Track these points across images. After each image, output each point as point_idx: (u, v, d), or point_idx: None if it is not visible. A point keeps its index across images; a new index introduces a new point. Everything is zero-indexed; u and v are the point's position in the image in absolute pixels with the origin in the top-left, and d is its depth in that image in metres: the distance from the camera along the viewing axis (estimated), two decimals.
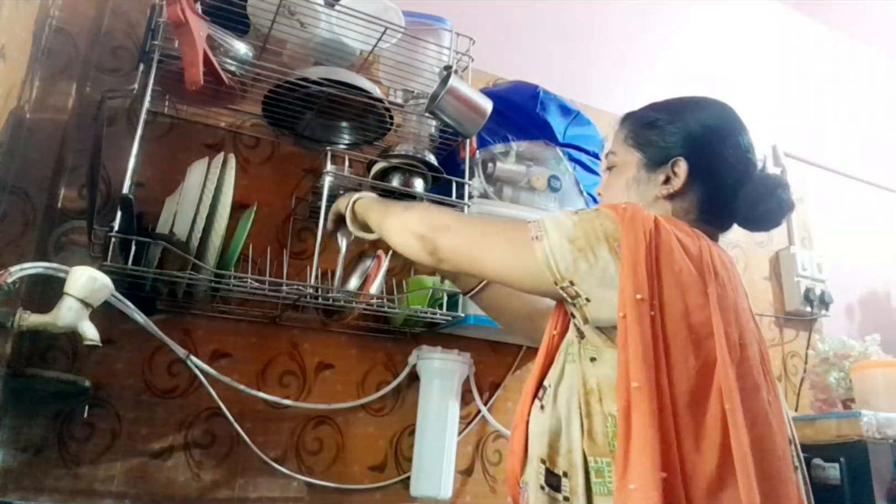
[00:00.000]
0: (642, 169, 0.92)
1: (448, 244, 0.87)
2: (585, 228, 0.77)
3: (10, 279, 0.89)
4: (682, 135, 0.91)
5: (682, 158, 0.89)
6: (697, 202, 0.90)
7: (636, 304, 0.71)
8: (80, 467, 1.17)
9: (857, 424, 1.56)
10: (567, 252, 0.76)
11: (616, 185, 0.94)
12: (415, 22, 1.48)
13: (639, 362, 0.69)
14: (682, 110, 0.94)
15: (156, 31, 1.19)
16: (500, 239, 0.83)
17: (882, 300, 2.49)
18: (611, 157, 0.97)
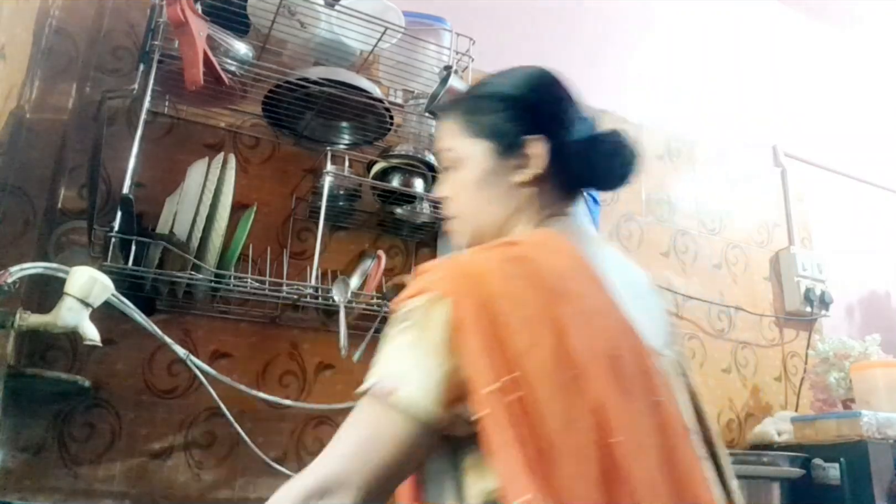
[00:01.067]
0: (493, 157, 0.81)
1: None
2: (432, 333, 0.64)
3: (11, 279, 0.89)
4: (524, 111, 0.82)
5: (536, 136, 0.80)
6: (554, 175, 0.81)
7: (488, 399, 0.59)
8: (80, 467, 1.17)
9: (857, 424, 1.56)
10: (436, 374, 0.62)
11: (465, 184, 0.83)
12: (415, 22, 1.48)
13: (512, 472, 0.57)
14: (514, 85, 0.85)
15: (156, 31, 1.19)
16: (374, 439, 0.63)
17: (882, 300, 2.50)
18: (447, 155, 0.85)
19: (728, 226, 2.17)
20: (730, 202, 2.21)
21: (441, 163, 0.88)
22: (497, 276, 0.66)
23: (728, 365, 2.00)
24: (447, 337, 0.63)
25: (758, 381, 2.03)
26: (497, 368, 0.60)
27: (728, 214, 2.18)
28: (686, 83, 2.31)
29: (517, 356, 0.61)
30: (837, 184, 2.54)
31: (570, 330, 0.64)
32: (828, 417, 1.66)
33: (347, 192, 1.44)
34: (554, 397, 0.61)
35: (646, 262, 1.95)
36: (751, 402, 1.99)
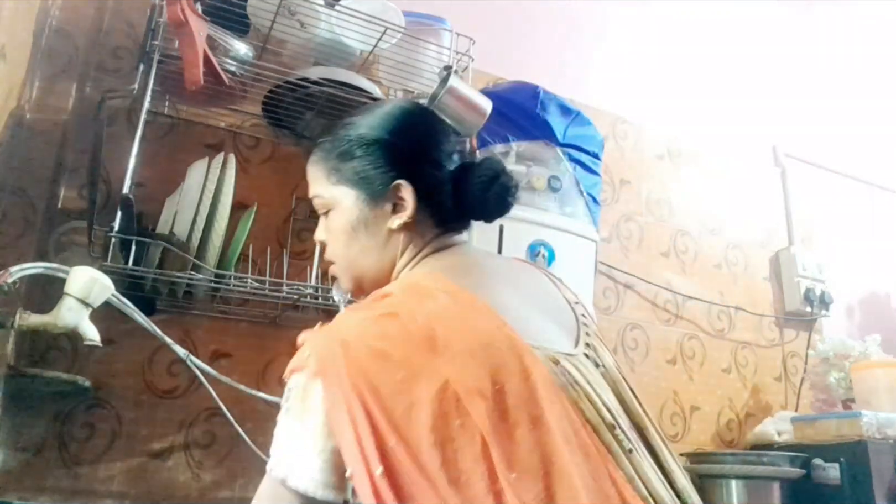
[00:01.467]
0: (364, 207, 0.80)
1: None
2: (314, 413, 0.64)
3: (11, 279, 0.89)
4: (389, 153, 0.81)
5: (402, 181, 0.79)
6: (430, 216, 0.81)
7: (367, 480, 0.59)
8: (80, 467, 1.17)
9: (857, 424, 1.56)
10: (326, 454, 0.63)
11: (338, 232, 0.82)
12: (415, 22, 1.48)
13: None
14: (371, 127, 0.83)
15: (156, 31, 1.18)
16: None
17: (882, 300, 2.50)
18: (317, 202, 0.85)
19: (728, 226, 2.17)
20: (730, 202, 2.21)
21: (317, 209, 0.86)
22: (364, 344, 0.64)
23: (728, 365, 2.00)
24: (323, 420, 0.63)
25: (758, 381, 2.03)
26: (366, 446, 0.59)
27: (728, 214, 2.18)
28: (686, 83, 2.31)
29: (396, 422, 0.60)
30: (837, 184, 2.54)
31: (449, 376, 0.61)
32: (828, 417, 1.66)
33: None
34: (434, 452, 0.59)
35: (646, 262, 1.95)
36: (751, 402, 1.99)
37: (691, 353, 1.94)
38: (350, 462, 0.61)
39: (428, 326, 0.65)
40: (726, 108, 2.36)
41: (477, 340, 0.65)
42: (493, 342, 0.65)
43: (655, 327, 1.90)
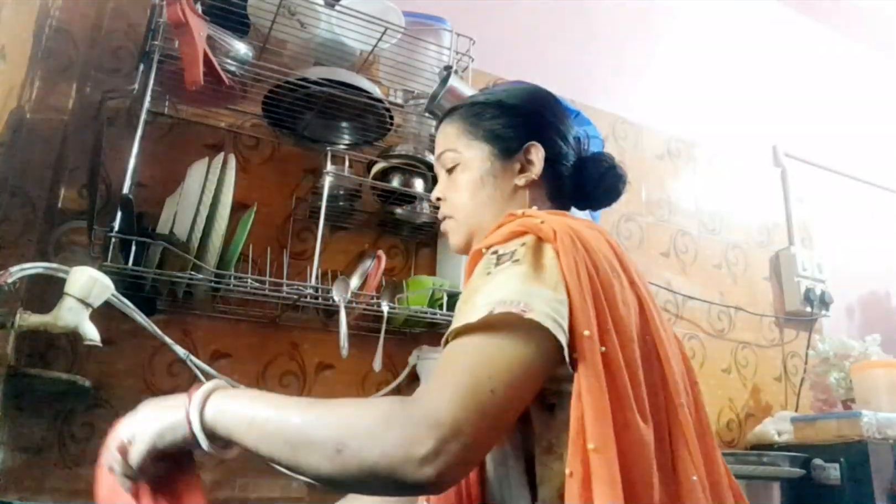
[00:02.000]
0: (495, 160, 0.86)
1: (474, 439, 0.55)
2: (543, 267, 0.64)
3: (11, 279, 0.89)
4: (527, 119, 0.87)
5: (535, 143, 0.85)
6: (551, 184, 0.87)
7: (585, 343, 0.60)
8: (80, 467, 1.17)
9: (857, 424, 1.56)
10: (557, 304, 0.61)
11: (465, 183, 0.86)
12: (415, 22, 1.48)
13: (595, 419, 0.58)
14: (518, 97, 0.90)
15: (156, 31, 1.18)
16: (499, 364, 0.58)
17: (882, 300, 2.50)
18: (450, 156, 0.88)
19: (728, 226, 2.17)
20: (730, 202, 2.21)
21: (442, 164, 0.90)
22: (585, 233, 0.69)
23: (728, 365, 2.00)
24: (559, 274, 0.63)
25: (758, 382, 2.03)
26: (593, 316, 0.62)
27: (728, 214, 2.19)
28: (686, 83, 2.31)
29: (618, 316, 0.65)
30: (837, 184, 2.54)
31: (641, 295, 0.70)
32: (828, 417, 1.66)
33: (347, 193, 1.44)
34: (637, 363, 0.65)
35: (646, 262, 1.95)
36: (751, 402, 1.99)
37: (691, 354, 1.93)
38: (585, 322, 0.61)
39: (614, 261, 0.72)
40: (726, 109, 2.36)
41: (644, 283, 0.74)
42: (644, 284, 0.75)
43: None
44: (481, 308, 0.60)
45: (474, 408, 0.55)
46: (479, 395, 0.56)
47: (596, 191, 0.89)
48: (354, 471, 0.55)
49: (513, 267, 0.64)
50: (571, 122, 0.92)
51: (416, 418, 0.55)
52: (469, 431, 0.54)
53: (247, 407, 0.62)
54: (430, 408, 0.55)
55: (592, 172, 0.88)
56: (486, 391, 0.56)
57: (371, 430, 0.56)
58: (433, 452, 0.53)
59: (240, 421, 0.61)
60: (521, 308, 0.59)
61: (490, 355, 0.58)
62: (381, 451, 0.54)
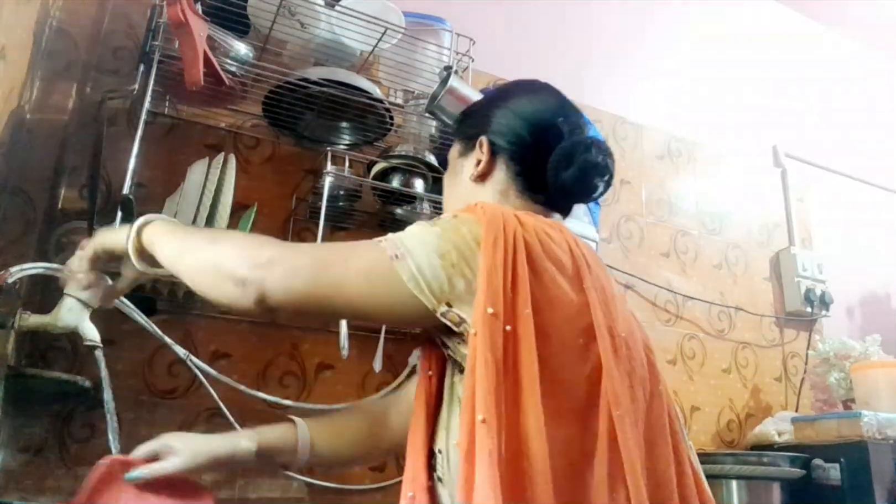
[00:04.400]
0: (458, 158, 0.91)
1: (281, 285, 0.65)
2: (453, 238, 0.66)
3: (11, 279, 0.89)
4: (485, 116, 0.89)
5: (483, 136, 0.86)
6: (510, 178, 0.85)
7: (486, 319, 0.61)
8: (80, 467, 1.17)
9: (857, 425, 1.56)
10: (439, 269, 0.65)
11: (446, 183, 0.94)
12: (415, 22, 1.48)
13: (485, 390, 0.59)
14: (492, 96, 0.93)
15: (156, 31, 1.19)
16: (351, 266, 0.67)
17: (882, 300, 2.49)
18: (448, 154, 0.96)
19: (728, 226, 2.17)
20: (730, 202, 2.21)
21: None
22: (531, 224, 0.70)
23: (728, 365, 2.00)
24: (468, 248, 0.66)
25: (758, 382, 2.03)
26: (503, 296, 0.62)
27: (728, 214, 2.18)
28: (686, 83, 2.31)
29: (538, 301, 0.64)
30: (837, 184, 2.54)
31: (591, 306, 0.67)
32: (828, 418, 1.66)
33: (348, 193, 1.44)
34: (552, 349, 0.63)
35: (646, 262, 1.95)
36: (751, 402, 1.99)
37: (691, 354, 1.94)
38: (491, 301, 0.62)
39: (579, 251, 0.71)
40: (727, 109, 2.36)
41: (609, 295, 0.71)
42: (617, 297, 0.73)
43: (656, 327, 1.90)
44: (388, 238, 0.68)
45: (306, 260, 0.68)
46: (319, 257, 0.69)
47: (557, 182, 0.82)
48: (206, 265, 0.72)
49: (426, 228, 0.69)
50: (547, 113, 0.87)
51: (269, 243, 0.70)
52: (276, 287, 0.65)
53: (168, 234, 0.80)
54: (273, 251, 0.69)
55: (557, 161, 0.82)
56: (325, 260, 0.68)
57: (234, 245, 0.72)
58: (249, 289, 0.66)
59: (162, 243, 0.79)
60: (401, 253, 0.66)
61: (352, 252, 0.69)
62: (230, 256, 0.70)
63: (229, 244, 0.72)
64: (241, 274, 0.66)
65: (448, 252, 0.66)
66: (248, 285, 0.66)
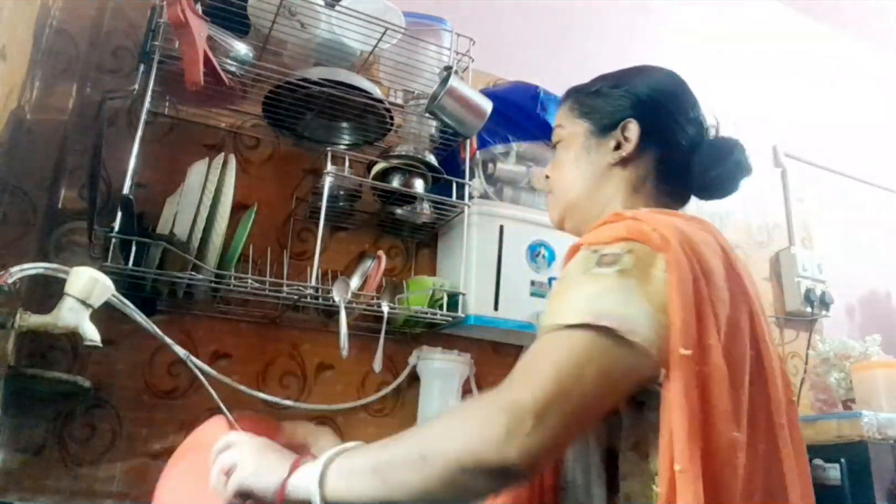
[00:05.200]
0: (591, 137, 0.86)
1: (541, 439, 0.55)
2: (650, 282, 0.62)
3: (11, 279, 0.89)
4: (629, 98, 0.86)
5: (632, 120, 0.84)
6: (653, 167, 0.83)
7: (682, 361, 0.58)
8: (80, 468, 1.17)
9: (857, 425, 1.56)
10: (654, 321, 0.60)
11: (565, 160, 0.88)
12: (415, 22, 1.48)
13: (683, 440, 0.56)
14: (628, 75, 0.91)
15: (156, 31, 1.18)
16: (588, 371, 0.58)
17: (882, 300, 2.49)
18: (557, 132, 0.91)
19: (728, 226, 2.17)
20: (730, 202, 2.20)
21: (552, 141, 0.92)
22: (699, 241, 0.66)
23: None
24: (665, 291, 0.61)
25: None
26: (694, 335, 0.59)
27: (728, 214, 2.18)
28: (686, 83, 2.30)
29: (709, 333, 0.60)
30: (837, 184, 2.54)
31: (749, 322, 0.66)
32: (828, 418, 1.66)
33: (348, 193, 1.44)
34: (743, 381, 0.62)
35: None
36: None
37: None
38: (685, 341, 0.59)
39: (737, 266, 0.70)
40: (726, 108, 2.35)
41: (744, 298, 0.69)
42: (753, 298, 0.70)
43: None
44: (583, 310, 0.59)
45: (557, 399, 0.55)
46: (564, 390, 0.55)
47: (705, 179, 0.84)
48: (441, 471, 0.54)
49: (619, 278, 0.62)
50: (694, 106, 0.88)
51: (496, 403, 0.55)
52: (550, 418, 0.54)
53: (346, 473, 0.62)
54: (512, 392, 0.56)
55: (706, 158, 0.83)
56: (570, 388, 0.56)
57: (450, 426, 0.57)
58: (512, 431, 0.52)
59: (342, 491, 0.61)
60: (625, 326, 0.59)
61: (581, 358, 0.58)
62: (462, 442, 0.54)
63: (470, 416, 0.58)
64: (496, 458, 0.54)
65: (653, 298, 0.61)
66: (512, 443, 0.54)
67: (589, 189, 0.84)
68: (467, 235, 1.42)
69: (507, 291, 1.44)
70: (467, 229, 1.43)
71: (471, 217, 1.45)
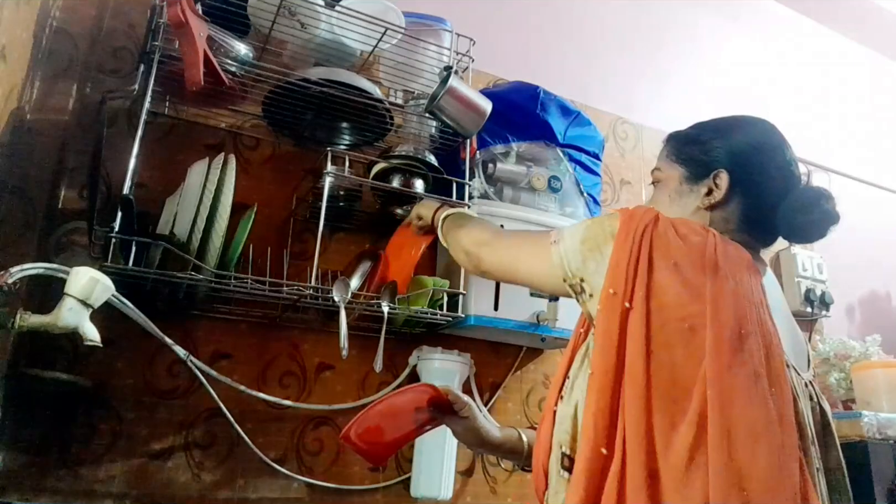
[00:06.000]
0: (684, 182, 0.96)
1: (488, 259, 0.99)
2: (595, 230, 0.83)
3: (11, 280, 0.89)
4: (724, 149, 0.94)
5: (723, 170, 0.92)
6: (738, 213, 0.92)
7: (608, 298, 0.76)
8: (80, 468, 1.17)
9: (857, 425, 1.56)
10: (577, 252, 0.83)
11: (659, 200, 0.98)
12: (415, 22, 1.48)
13: (597, 352, 0.75)
14: (726, 127, 0.97)
15: (156, 31, 1.19)
16: (527, 249, 0.92)
17: (882, 300, 2.49)
18: (655, 174, 1.01)
19: None
20: None
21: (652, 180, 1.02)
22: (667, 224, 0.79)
23: None
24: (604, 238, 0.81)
25: None
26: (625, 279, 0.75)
27: None
28: (686, 83, 2.31)
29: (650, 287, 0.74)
30: (837, 184, 2.54)
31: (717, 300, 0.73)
32: None
33: (348, 193, 1.44)
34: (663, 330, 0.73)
35: None
36: None
37: None
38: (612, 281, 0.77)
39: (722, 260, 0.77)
40: (726, 109, 2.35)
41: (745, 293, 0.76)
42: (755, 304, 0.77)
43: None
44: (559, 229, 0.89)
45: (498, 249, 0.98)
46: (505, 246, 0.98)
47: (792, 227, 0.93)
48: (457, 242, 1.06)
49: (588, 220, 0.87)
50: (785, 158, 0.95)
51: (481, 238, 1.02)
52: (487, 252, 0.99)
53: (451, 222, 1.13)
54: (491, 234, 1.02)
55: (793, 208, 0.92)
56: (510, 247, 0.97)
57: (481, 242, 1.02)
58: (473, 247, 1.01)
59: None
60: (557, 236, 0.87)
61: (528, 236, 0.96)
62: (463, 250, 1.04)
63: (466, 229, 1.05)
64: (468, 248, 1.01)
65: (588, 239, 0.83)
66: (472, 256, 1.00)
67: None
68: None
69: (507, 291, 1.44)
70: None
71: None
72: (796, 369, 0.82)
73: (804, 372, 0.85)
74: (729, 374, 0.70)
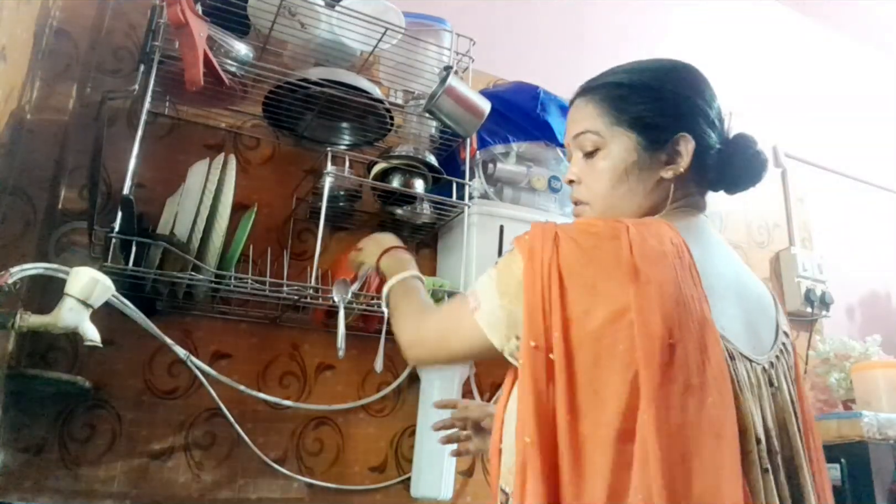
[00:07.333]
0: (642, 152, 0.81)
1: (422, 358, 0.96)
2: (506, 279, 0.74)
3: (11, 280, 0.89)
4: (674, 107, 0.83)
5: (685, 134, 0.81)
6: (696, 175, 0.82)
7: (530, 352, 0.68)
8: (80, 468, 1.17)
9: (857, 425, 1.56)
10: (502, 310, 0.74)
11: (607, 172, 0.83)
12: (415, 23, 1.48)
13: (530, 416, 0.66)
14: (662, 79, 0.86)
15: (156, 32, 1.19)
16: (452, 332, 0.83)
17: (882, 300, 2.49)
18: (591, 138, 0.84)
19: (728, 226, 2.17)
20: (730, 203, 2.20)
21: (580, 146, 0.86)
22: (571, 245, 0.70)
23: None
24: (517, 286, 0.72)
25: None
26: (543, 327, 0.68)
27: (728, 214, 2.18)
28: None
29: (568, 320, 0.67)
30: (837, 184, 2.54)
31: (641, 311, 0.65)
32: (828, 418, 1.66)
33: (348, 193, 1.44)
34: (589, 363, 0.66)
35: None
36: None
37: None
38: (531, 332, 0.69)
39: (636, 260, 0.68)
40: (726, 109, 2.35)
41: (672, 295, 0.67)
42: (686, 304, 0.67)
43: None
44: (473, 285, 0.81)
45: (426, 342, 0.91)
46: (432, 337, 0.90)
47: (740, 177, 0.85)
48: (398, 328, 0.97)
49: (492, 270, 0.78)
50: (715, 100, 0.86)
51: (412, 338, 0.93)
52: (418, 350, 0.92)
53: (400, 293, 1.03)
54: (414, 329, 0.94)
55: (739, 158, 0.84)
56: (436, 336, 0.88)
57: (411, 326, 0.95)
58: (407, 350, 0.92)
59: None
60: (475, 304, 0.77)
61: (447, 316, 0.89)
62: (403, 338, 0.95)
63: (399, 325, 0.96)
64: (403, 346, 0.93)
65: (504, 293, 0.74)
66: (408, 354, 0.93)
67: (636, 205, 0.82)
68: (467, 235, 1.42)
69: None
70: (467, 229, 1.43)
71: (471, 217, 1.45)
72: (748, 357, 0.73)
73: (762, 355, 0.75)
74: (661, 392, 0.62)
